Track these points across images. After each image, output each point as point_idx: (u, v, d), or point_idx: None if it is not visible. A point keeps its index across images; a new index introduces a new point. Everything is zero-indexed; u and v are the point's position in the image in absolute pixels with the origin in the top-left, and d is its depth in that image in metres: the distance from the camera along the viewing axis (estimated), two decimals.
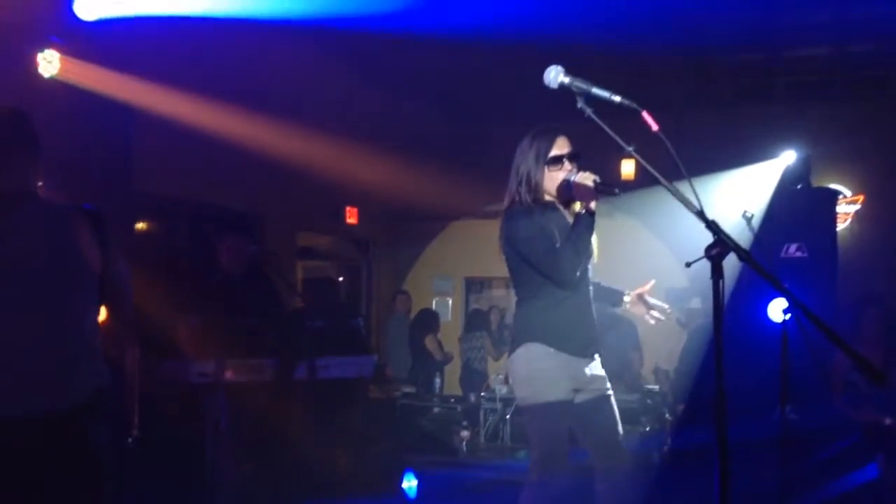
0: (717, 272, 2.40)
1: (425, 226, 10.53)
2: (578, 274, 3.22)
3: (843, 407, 4.98)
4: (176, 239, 6.21)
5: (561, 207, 3.36)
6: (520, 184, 3.31)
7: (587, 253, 3.22)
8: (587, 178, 3.11)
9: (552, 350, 3.23)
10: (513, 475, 5.70)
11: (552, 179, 3.28)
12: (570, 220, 3.32)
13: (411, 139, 7.95)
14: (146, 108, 5.87)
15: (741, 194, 6.05)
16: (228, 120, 6.43)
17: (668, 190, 2.45)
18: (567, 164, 3.26)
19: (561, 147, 3.27)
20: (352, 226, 9.58)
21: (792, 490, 4.07)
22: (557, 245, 3.18)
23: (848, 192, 8.80)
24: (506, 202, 3.38)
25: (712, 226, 2.42)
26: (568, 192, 3.27)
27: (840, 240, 6.39)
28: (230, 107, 6.34)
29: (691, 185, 2.46)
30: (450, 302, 10.56)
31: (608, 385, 3.38)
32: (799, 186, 6.07)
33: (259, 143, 6.75)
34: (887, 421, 4.86)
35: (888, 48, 7.58)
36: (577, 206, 3.22)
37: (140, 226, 6.15)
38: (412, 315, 8.95)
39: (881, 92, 8.37)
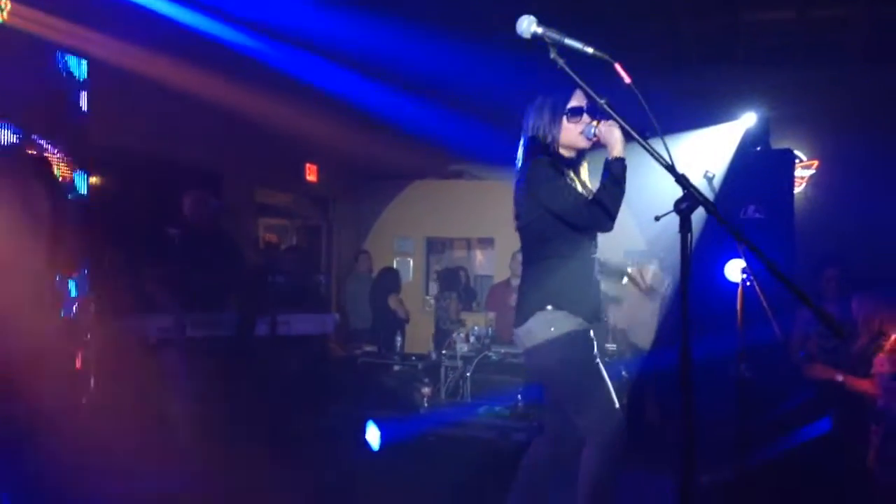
0: (685, 226, 2.42)
1: (386, 185, 10.45)
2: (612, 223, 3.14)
3: (798, 363, 5.11)
4: (134, 193, 6.07)
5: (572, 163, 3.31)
6: (536, 139, 3.24)
7: (621, 200, 3.10)
8: (612, 126, 3.05)
9: (571, 316, 3.18)
10: (474, 431, 5.79)
11: (571, 131, 3.22)
12: (583, 176, 3.30)
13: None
14: (103, 59, 5.73)
15: (703, 154, 6.10)
16: (188, 74, 6.30)
17: (640, 144, 2.45)
18: (586, 117, 3.20)
19: (579, 99, 3.21)
20: (311, 183, 9.47)
21: (748, 442, 4.17)
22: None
23: (803, 157, 8.92)
24: (519, 159, 3.29)
25: (682, 180, 2.43)
26: (588, 141, 3.22)
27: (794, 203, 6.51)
28: (190, 61, 6.21)
29: (663, 140, 2.47)
30: (410, 262, 10.53)
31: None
32: (759, 148, 6.14)
33: (218, 97, 6.62)
34: (839, 378, 5.00)
35: (849, 14, 7.67)
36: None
37: (96, 179, 6.01)
38: (373, 274, 8.92)
39: (838, 58, 8.46)
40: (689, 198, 2.41)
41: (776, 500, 3.88)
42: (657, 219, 2.61)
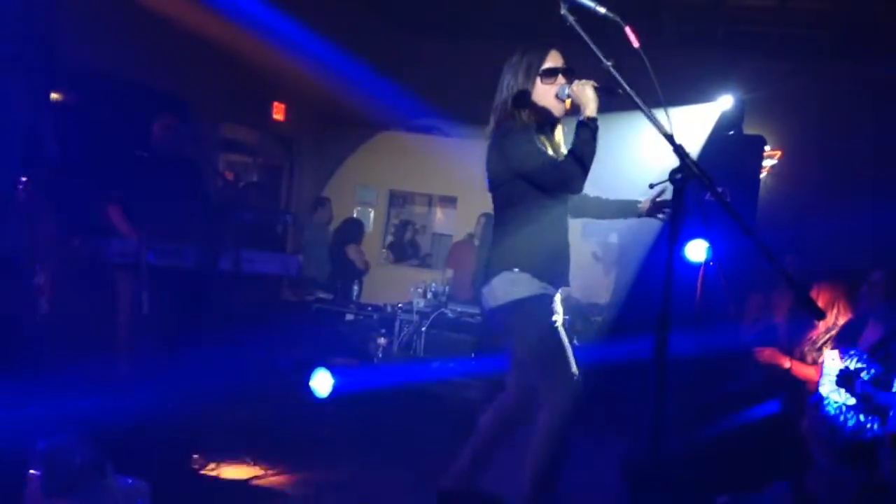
0: (678, 196, 2.44)
1: (353, 132, 10.30)
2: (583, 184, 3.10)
3: (749, 346, 5.23)
4: (100, 114, 5.88)
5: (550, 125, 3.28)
6: (510, 100, 3.18)
7: (592, 161, 3.05)
8: (585, 85, 3.01)
9: (535, 279, 3.17)
10: (426, 385, 5.82)
11: (545, 93, 3.17)
12: (559, 139, 3.27)
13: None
14: None
15: (678, 133, 6.13)
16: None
17: (642, 110, 2.44)
18: (561, 78, 3.16)
19: (554, 60, 3.17)
20: (278, 122, 9.29)
21: (698, 419, 4.27)
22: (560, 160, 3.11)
23: (767, 146, 9.04)
24: (493, 121, 3.25)
25: (679, 150, 2.44)
26: (561, 104, 3.18)
27: None
28: None
29: (665, 110, 2.47)
30: (371, 213, 10.44)
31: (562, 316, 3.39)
32: (731, 132, 6.21)
33: (191, 24, 6.44)
34: (786, 365, 5.13)
35: (827, 8, 7.78)
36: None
37: (59, 96, 5.81)
38: (333, 222, 8.84)
39: (809, 52, 8.59)
40: (685, 169, 2.43)
41: (721, 474, 3.99)
42: (652, 186, 2.62)
